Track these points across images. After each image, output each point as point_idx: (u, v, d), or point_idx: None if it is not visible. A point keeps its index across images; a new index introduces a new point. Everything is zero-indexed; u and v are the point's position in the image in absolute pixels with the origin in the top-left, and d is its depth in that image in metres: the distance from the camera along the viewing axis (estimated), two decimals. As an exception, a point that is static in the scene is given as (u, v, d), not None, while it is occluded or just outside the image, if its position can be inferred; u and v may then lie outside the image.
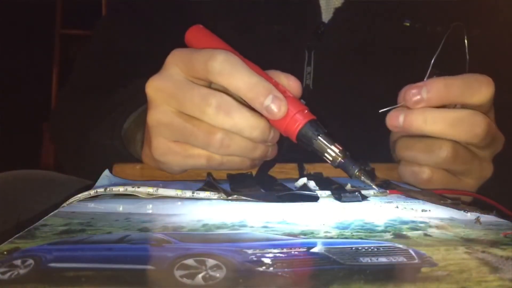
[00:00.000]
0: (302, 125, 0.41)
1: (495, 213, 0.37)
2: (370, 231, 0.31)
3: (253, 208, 0.38)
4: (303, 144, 0.41)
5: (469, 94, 0.41)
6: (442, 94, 0.40)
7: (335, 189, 0.43)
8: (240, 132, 0.41)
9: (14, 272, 0.23)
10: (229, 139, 0.41)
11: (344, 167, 0.41)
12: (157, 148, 0.44)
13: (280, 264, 0.25)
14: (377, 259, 0.26)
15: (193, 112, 0.41)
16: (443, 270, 0.24)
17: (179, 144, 0.43)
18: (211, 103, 0.40)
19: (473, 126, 0.41)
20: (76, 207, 0.38)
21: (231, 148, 0.41)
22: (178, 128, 0.42)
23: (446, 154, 0.42)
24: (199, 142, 0.42)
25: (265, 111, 0.40)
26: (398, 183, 0.48)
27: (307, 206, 0.39)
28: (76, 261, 0.25)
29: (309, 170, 0.51)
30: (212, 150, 0.42)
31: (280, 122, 0.42)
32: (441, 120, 0.41)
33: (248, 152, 0.42)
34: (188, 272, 0.24)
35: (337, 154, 0.41)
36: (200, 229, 0.32)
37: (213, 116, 0.40)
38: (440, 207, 0.39)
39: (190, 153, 0.43)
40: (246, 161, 0.44)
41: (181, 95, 0.41)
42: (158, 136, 0.43)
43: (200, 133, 0.41)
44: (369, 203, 0.40)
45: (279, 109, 0.40)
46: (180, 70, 0.42)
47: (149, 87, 0.43)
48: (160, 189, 0.41)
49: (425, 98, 0.40)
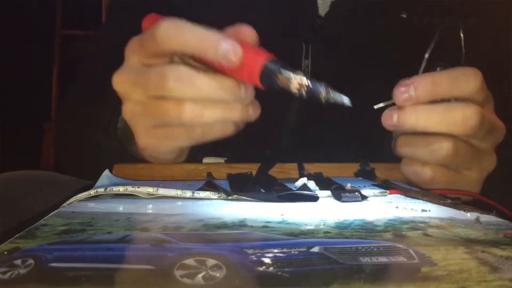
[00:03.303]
0: (261, 65, 0.39)
1: (495, 213, 0.37)
2: (370, 231, 0.31)
3: (253, 208, 0.38)
4: (269, 85, 0.40)
5: (456, 88, 0.41)
6: (430, 90, 0.40)
7: (335, 189, 0.43)
8: (208, 96, 0.40)
9: (14, 272, 0.23)
10: (199, 107, 0.40)
11: (312, 93, 0.39)
12: (140, 138, 0.44)
13: (280, 264, 0.25)
14: (377, 259, 0.26)
15: (156, 92, 0.40)
16: (443, 270, 0.24)
17: (158, 128, 0.43)
18: (169, 77, 0.39)
19: (466, 119, 0.40)
20: (76, 207, 0.38)
21: (205, 116, 0.40)
22: (150, 113, 0.42)
23: (446, 152, 0.42)
24: (173, 120, 0.41)
25: (222, 59, 0.39)
26: (398, 183, 0.48)
27: (307, 206, 0.39)
28: (76, 261, 0.26)
29: (309, 170, 0.51)
30: (187, 123, 0.41)
31: (241, 71, 0.40)
32: (434, 115, 0.41)
33: (225, 116, 0.41)
34: (188, 272, 0.24)
35: (302, 81, 0.39)
36: (200, 229, 0.32)
37: (175, 88, 0.39)
38: (440, 207, 0.39)
39: (170, 134, 0.43)
40: (228, 125, 0.43)
41: (141, 80, 0.41)
42: (137, 126, 0.43)
43: (170, 111, 0.40)
44: (369, 203, 0.40)
45: (235, 53, 0.38)
46: (137, 56, 0.42)
47: (115, 83, 0.43)
48: (160, 189, 0.41)
49: (413, 96, 0.40)
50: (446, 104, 0.41)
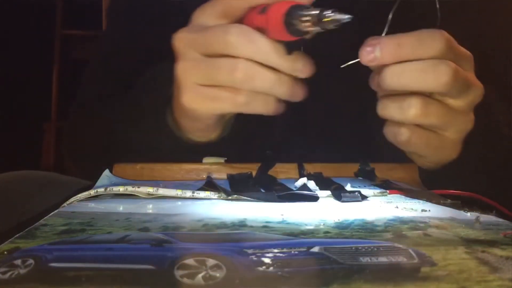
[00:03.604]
0: (283, 13, 0.39)
1: (495, 213, 0.37)
2: (370, 231, 0.31)
3: (253, 208, 0.38)
4: (292, 30, 0.39)
5: (421, 50, 0.41)
6: (395, 52, 0.41)
7: (335, 189, 0.43)
8: (266, 56, 0.41)
9: (15, 272, 0.23)
10: (252, 69, 0.41)
11: (318, 20, 0.38)
12: (186, 93, 0.44)
13: (280, 264, 0.25)
14: (377, 259, 0.26)
15: (216, 46, 0.42)
16: (443, 269, 0.24)
17: (206, 87, 0.43)
18: (231, 32, 0.41)
19: (439, 75, 0.41)
20: (76, 207, 0.38)
21: (256, 80, 0.41)
22: (203, 68, 0.43)
23: (415, 111, 0.42)
24: (224, 77, 0.42)
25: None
26: (398, 183, 0.48)
27: (307, 206, 0.39)
28: (76, 261, 0.26)
29: (309, 170, 0.51)
30: (236, 83, 0.41)
31: (268, 27, 0.40)
32: (407, 74, 0.41)
33: (273, 86, 0.42)
34: (188, 272, 0.24)
35: (312, 15, 0.38)
36: (200, 229, 0.32)
37: (236, 43, 0.40)
38: (440, 207, 0.39)
39: (216, 95, 0.43)
40: (271, 101, 0.43)
41: (203, 35, 0.42)
42: (186, 82, 0.44)
43: (224, 67, 0.41)
44: (369, 203, 0.40)
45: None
46: (206, 17, 0.44)
47: (176, 39, 0.44)
48: (160, 189, 0.41)
49: (378, 56, 0.40)
50: (419, 62, 0.41)
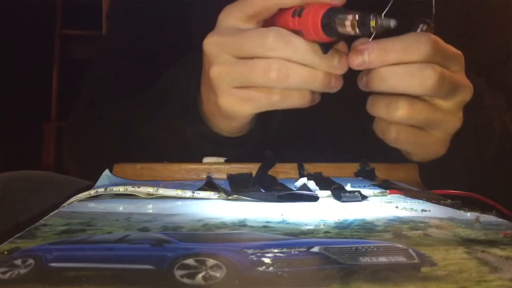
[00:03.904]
0: (321, 16, 0.40)
1: (495, 213, 0.37)
2: (370, 231, 0.31)
3: (253, 208, 0.38)
4: (333, 35, 0.40)
5: (407, 55, 0.42)
6: (382, 56, 0.42)
7: (335, 189, 0.43)
8: (303, 56, 0.41)
9: (15, 272, 0.23)
10: (286, 68, 0.41)
11: (363, 27, 0.39)
12: (222, 97, 0.45)
13: (280, 264, 0.25)
14: (377, 259, 0.26)
15: (253, 49, 0.42)
16: (443, 269, 0.24)
17: (241, 89, 0.44)
18: (269, 35, 0.41)
19: (424, 79, 0.42)
20: (76, 207, 0.38)
21: (290, 78, 0.41)
22: (238, 71, 0.43)
23: (402, 112, 0.43)
24: (258, 77, 0.42)
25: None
26: (398, 183, 0.48)
27: (307, 206, 0.39)
28: (76, 261, 0.26)
29: (309, 170, 0.51)
30: (271, 82, 0.42)
31: (308, 30, 0.41)
32: (393, 76, 0.42)
33: (308, 81, 0.42)
34: (188, 272, 0.24)
35: (354, 18, 0.38)
36: (200, 229, 0.32)
37: (273, 45, 0.41)
38: (440, 207, 0.39)
39: (251, 95, 0.44)
40: (306, 94, 0.44)
41: (239, 39, 0.43)
42: (221, 84, 0.44)
43: (258, 68, 0.42)
44: (369, 203, 0.40)
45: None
46: (233, 19, 0.44)
47: (207, 43, 0.45)
48: (160, 189, 0.41)
49: (366, 61, 0.42)
50: (406, 66, 0.42)
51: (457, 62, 0.45)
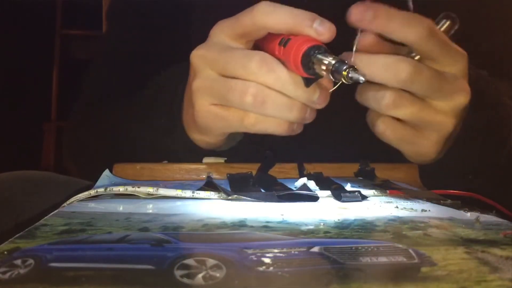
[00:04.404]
0: (302, 52, 0.39)
1: (494, 213, 0.37)
2: (370, 230, 0.31)
3: (253, 208, 0.38)
4: (311, 73, 0.40)
5: (403, 29, 0.41)
6: (385, 23, 0.41)
7: (335, 189, 0.43)
8: (284, 86, 0.41)
9: (15, 272, 0.23)
10: (263, 94, 0.41)
11: (335, 74, 0.38)
12: (198, 112, 0.45)
13: (280, 264, 0.25)
14: (377, 259, 0.26)
15: (236, 69, 0.42)
16: (443, 269, 0.24)
17: (218, 106, 0.44)
18: (253, 59, 0.41)
19: (398, 71, 0.41)
20: (76, 207, 0.38)
21: (266, 104, 0.41)
22: (217, 89, 0.43)
23: (387, 101, 0.43)
24: (234, 99, 0.42)
25: (313, 32, 0.40)
26: (398, 183, 0.48)
27: (307, 206, 0.39)
28: (76, 260, 0.26)
29: (309, 170, 0.51)
30: (245, 106, 0.42)
31: (289, 62, 0.40)
32: (372, 65, 0.42)
33: (284, 111, 0.42)
34: (188, 272, 0.24)
35: (329, 63, 0.38)
36: (200, 229, 0.32)
37: (256, 70, 0.41)
38: (440, 207, 0.39)
39: (226, 114, 0.44)
40: (283, 123, 0.43)
41: (224, 56, 0.43)
42: (200, 99, 0.45)
43: (236, 89, 0.42)
44: (369, 203, 0.40)
45: (328, 28, 0.40)
46: (224, 35, 0.44)
47: (194, 56, 0.45)
48: (160, 189, 0.41)
49: (368, 19, 0.41)
50: (383, 56, 0.42)
51: (456, 62, 0.44)
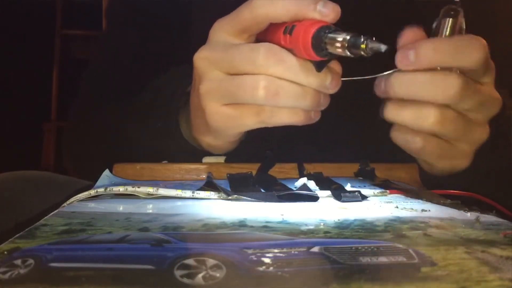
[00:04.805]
0: (311, 34, 0.38)
1: (495, 213, 0.37)
2: (370, 230, 0.31)
3: (253, 208, 0.38)
4: (322, 55, 0.38)
5: (459, 59, 0.40)
6: (431, 57, 0.39)
7: (335, 189, 0.43)
8: (296, 75, 0.40)
9: (15, 272, 0.23)
10: (275, 85, 0.40)
11: (353, 49, 0.37)
12: (210, 115, 0.43)
13: (280, 264, 0.25)
14: (377, 259, 0.26)
15: (243, 65, 0.41)
16: (443, 269, 0.24)
17: (230, 106, 0.43)
18: (260, 51, 0.40)
19: (447, 87, 0.40)
20: (76, 207, 0.38)
21: (280, 95, 0.40)
22: (227, 88, 0.42)
23: (433, 119, 0.41)
24: (246, 95, 0.41)
25: (318, 14, 0.38)
26: (398, 183, 0.48)
27: (307, 206, 0.39)
28: (76, 260, 0.26)
29: (309, 170, 0.51)
30: (259, 100, 0.40)
31: (298, 47, 0.39)
32: (417, 83, 0.40)
33: (298, 100, 0.41)
34: (188, 272, 0.24)
35: (344, 40, 0.37)
36: (200, 229, 0.32)
37: (264, 62, 0.39)
38: (440, 207, 0.39)
39: (240, 113, 0.42)
40: (299, 112, 0.42)
41: (229, 54, 0.42)
42: (210, 102, 0.43)
43: (246, 85, 0.40)
44: (369, 203, 0.40)
45: (333, 9, 0.38)
46: (224, 33, 0.43)
47: (197, 59, 0.43)
48: (160, 189, 0.41)
49: (413, 61, 0.39)
50: (429, 72, 0.40)
51: (490, 73, 0.43)
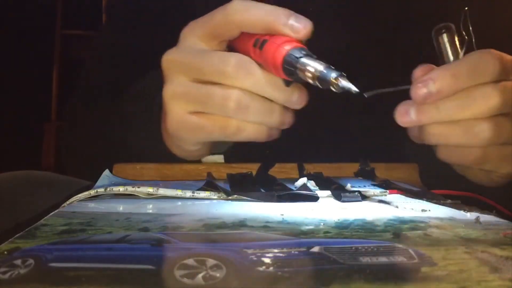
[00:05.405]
0: (283, 55, 0.37)
1: (495, 213, 0.37)
2: (370, 230, 0.31)
3: (253, 208, 0.38)
4: (292, 77, 0.38)
5: (478, 76, 0.39)
6: (451, 83, 0.38)
7: (335, 189, 0.43)
8: (264, 89, 0.39)
9: (15, 272, 0.23)
10: (246, 99, 0.39)
11: (323, 82, 0.36)
12: (173, 120, 0.42)
13: (280, 264, 0.25)
14: (377, 259, 0.26)
15: (211, 74, 0.40)
16: (443, 269, 0.24)
17: (194, 114, 0.42)
18: (230, 62, 0.39)
19: (487, 99, 0.39)
20: (76, 207, 0.38)
21: (249, 110, 0.39)
22: (194, 96, 0.41)
23: (489, 132, 0.39)
24: (216, 106, 0.40)
25: (288, 29, 0.38)
26: (398, 183, 0.48)
27: (307, 206, 0.39)
28: (76, 260, 0.26)
29: (309, 170, 0.51)
30: (229, 112, 0.40)
31: (267, 64, 0.39)
32: (454, 104, 0.39)
33: (265, 116, 0.40)
34: (188, 272, 0.24)
35: (316, 69, 0.36)
36: (200, 229, 0.32)
37: (234, 74, 0.39)
38: (440, 207, 0.39)
39: (205, 124, 0.41)
40: (263, 129, 0.42)
41: (197, 61, 0.41)
42: (174, 108, 0.42)
43: (216, 96, 0.39)
44: (369, 203, 0.40)
45: (304, 25, 0.38)
46: (195, 37, 0.42)
47: (165, 60, 0.42)
48: (160, 189, 0.41)
49: (434, 91, 0.38)
50: (464, 91, 0.39)
51: None
